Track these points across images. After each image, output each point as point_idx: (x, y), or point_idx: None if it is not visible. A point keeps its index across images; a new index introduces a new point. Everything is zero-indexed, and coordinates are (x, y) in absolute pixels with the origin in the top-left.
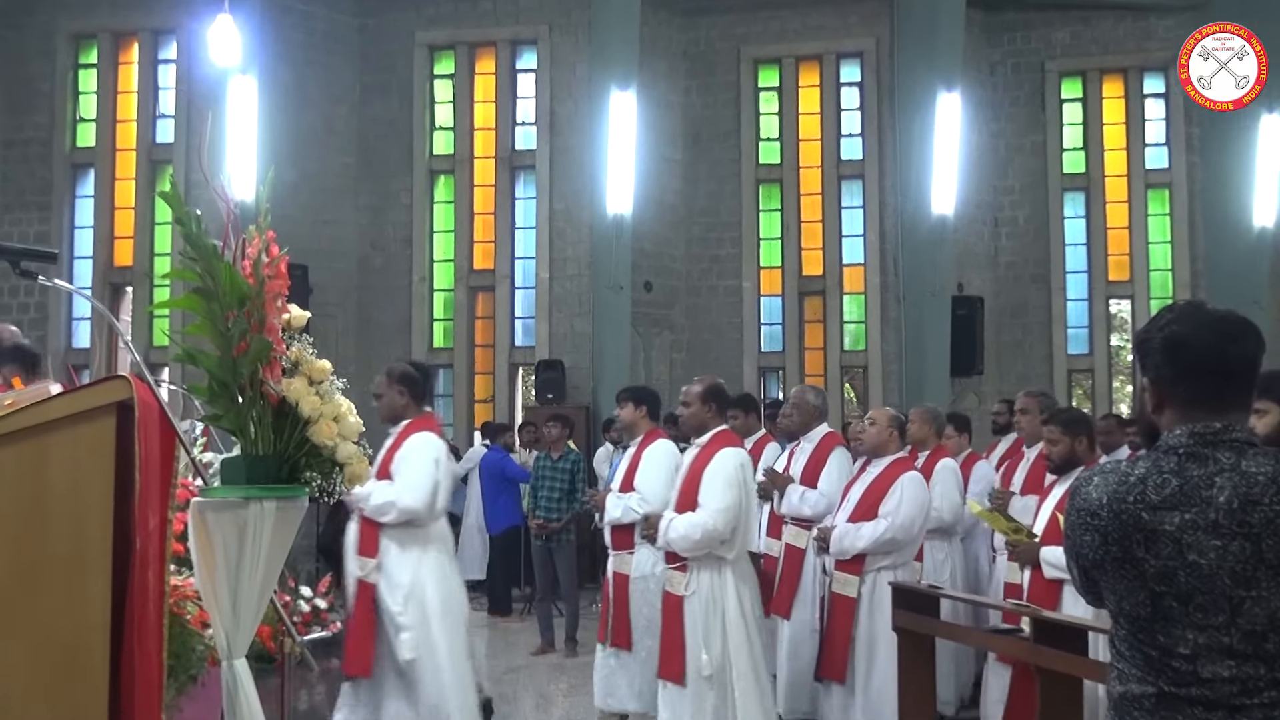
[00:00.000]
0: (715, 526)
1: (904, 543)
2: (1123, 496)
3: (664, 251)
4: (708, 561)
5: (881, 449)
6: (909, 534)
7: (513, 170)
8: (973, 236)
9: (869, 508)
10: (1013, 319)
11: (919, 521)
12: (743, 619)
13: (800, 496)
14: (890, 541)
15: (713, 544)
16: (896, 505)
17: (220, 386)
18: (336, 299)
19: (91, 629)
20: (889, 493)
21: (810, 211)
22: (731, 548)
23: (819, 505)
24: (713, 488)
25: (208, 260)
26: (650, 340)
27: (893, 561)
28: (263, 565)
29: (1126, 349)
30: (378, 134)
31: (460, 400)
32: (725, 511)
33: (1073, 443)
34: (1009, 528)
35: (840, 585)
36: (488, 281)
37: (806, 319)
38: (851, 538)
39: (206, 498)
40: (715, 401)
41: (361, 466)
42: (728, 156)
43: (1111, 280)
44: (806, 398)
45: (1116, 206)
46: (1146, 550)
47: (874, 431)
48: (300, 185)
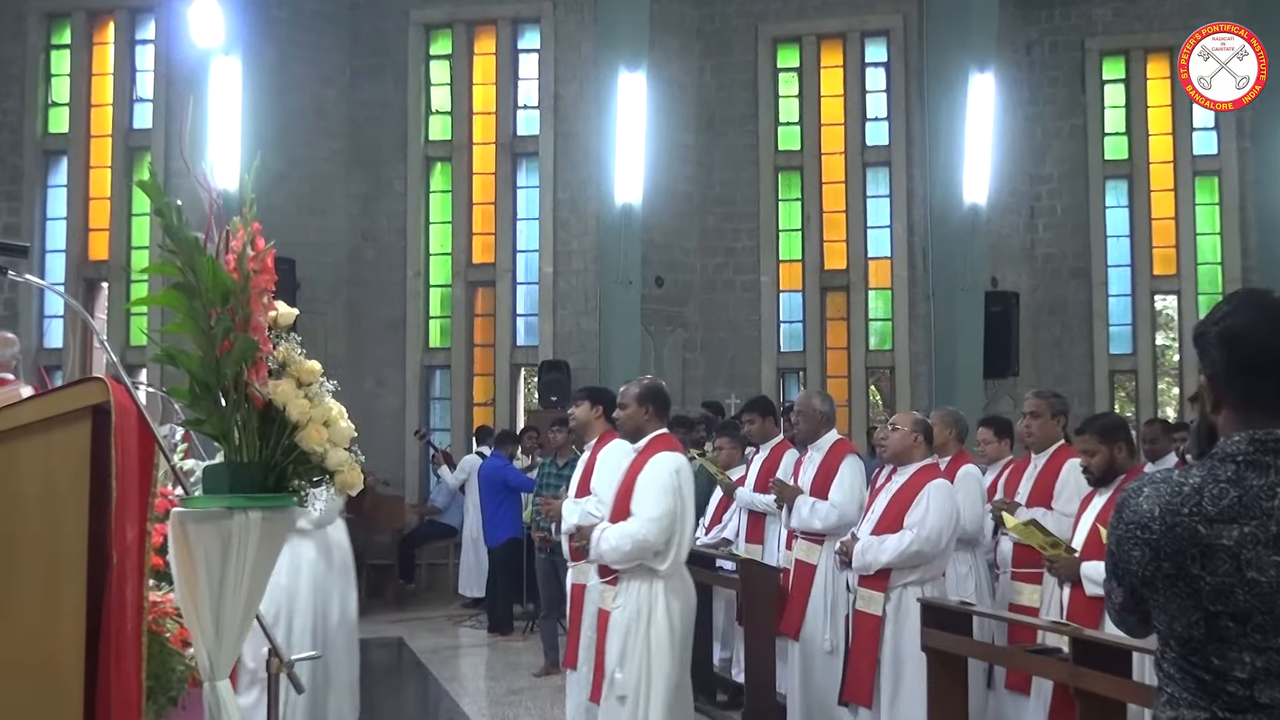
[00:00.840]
0: (647, 537)
1: (931, 556)
2: (1176, 508)
3: (676, 244)
4: (639, 573)
5: (906, 455)
6: (936, 546)
7: (514, 157)
8: (1007, 228)
9: (894, 519)
10: (1050, 316)
11: (947, 533)
12: (670, 636)
13: (810, 509)
14: (916, 555)
15: (645, 555)
16: (923, 515)
17: (202, 389)
18: (326, 295)
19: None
20: (915, 502)
21: (833, 201)
22: (664, 559)
23: (830, 518)
24: (646, 495)
25: (189, 254)
26: (661, 339)
27: (920, 576)
28: (247, 580)
29: (1172, 348)
30: (370, 118)
31: (458, 403)
32: (658, 520)
33: (1111, 451)
34: (1046, 542)
35: (864, 603)
36: (487, 276)
37: (829, 316)
38: (875, 551)
39: (187, 508)
40: (653, 404)
41: (353, 474)
42: (744, 142)
43: (1156, 274)
44: (813, 404)
45: (1162, 195)
46: (1202, 566)
47: (897, 437)
48: (287, 173)
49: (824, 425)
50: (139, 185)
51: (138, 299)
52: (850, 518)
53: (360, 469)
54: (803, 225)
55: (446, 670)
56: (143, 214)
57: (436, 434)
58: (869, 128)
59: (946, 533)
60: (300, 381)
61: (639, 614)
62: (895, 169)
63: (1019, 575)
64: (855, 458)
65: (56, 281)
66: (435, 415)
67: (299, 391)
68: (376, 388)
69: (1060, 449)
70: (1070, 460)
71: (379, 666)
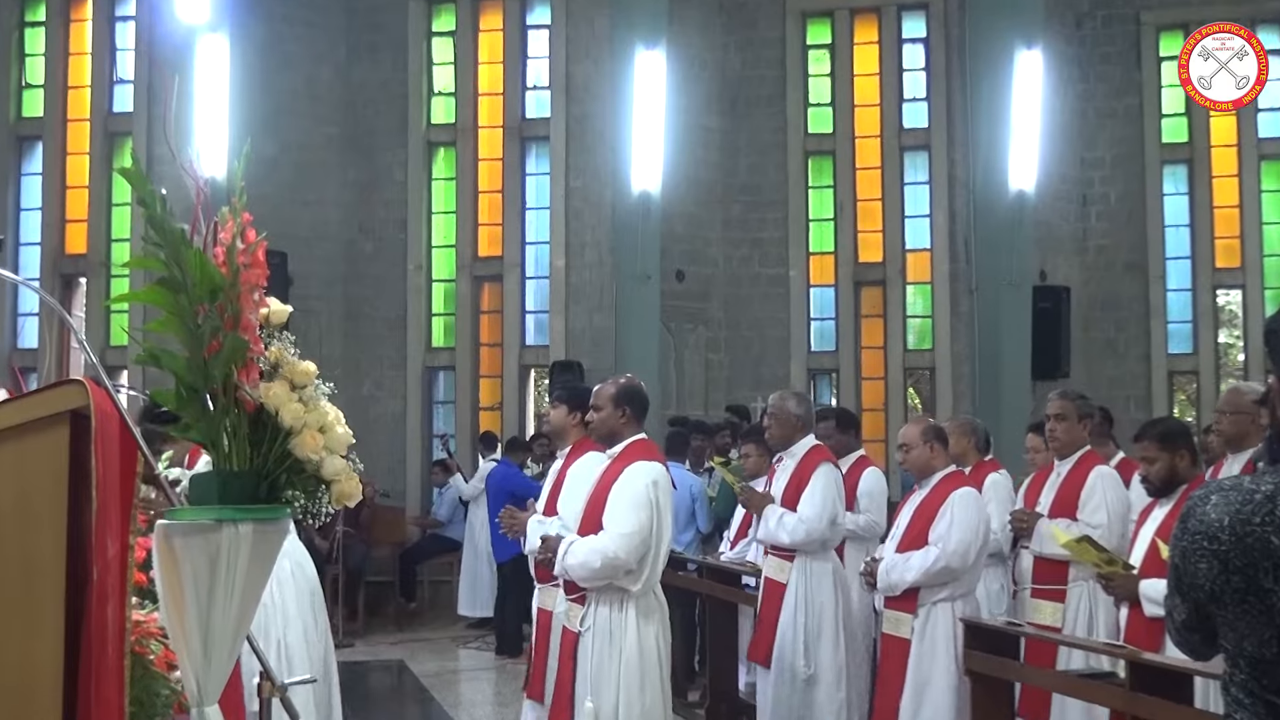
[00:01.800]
0: (618, 554)
1: (960, 571)
2: (1248, 518)
3: (698, 235)
4: (608, 593)
5: (927, 468)
6: (965, 561)
7: (523, 142)
8: (1057, 217)
9: (918, 534)
10: (1103, 313)
11: (975, 546)
12: (644, 662)
13: (777, 521)
14: (944, 571)
15: (615, 573)
16: (947, 529)
17: (189, 392)
18: (321, 291)
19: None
20: (938, 515)
21: (867, 188)
22: (637, 579)
23: (797, 532)
24: (619, 508)
25: (174, 247)
26: (683, 338)
27: (950, 594)
28: (237, 598)
29: (1236, 347)
30: (367, 100)
31: (463, 408)
32: (630, 537)
33: (1172, 459)
34: (1101, 558)
35: (892, 625)
36: (494, 270)
37: (863, 313)
38: (900, 570)
39: (173, 520)
40: (631, 405)
41: (351, 484)
42: (772, 125)
43: (1219, 267)
44: (786, 406)
45: (1224, 181)
46: (1275, 580)
47: (914, 456)
48: (279, 160)
49: (799, 430)
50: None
51: (119, 295)
52: (819, 534)
53: (358, 478)
54: (835, 214)
55: (450, 696)
56: (124, 204)
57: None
58: (906, 109)
59: (975, 546)
60: (294, 384)
61: (611, 639)
62: (935, 153)
63: (1040, 592)
64: (830, 467)
65: (31, 277)
66: (438, 420)
67: (292, 395)
68: (375, 390)
69: (1086, 455)
70: (1098, 468)
71: (378, 691)
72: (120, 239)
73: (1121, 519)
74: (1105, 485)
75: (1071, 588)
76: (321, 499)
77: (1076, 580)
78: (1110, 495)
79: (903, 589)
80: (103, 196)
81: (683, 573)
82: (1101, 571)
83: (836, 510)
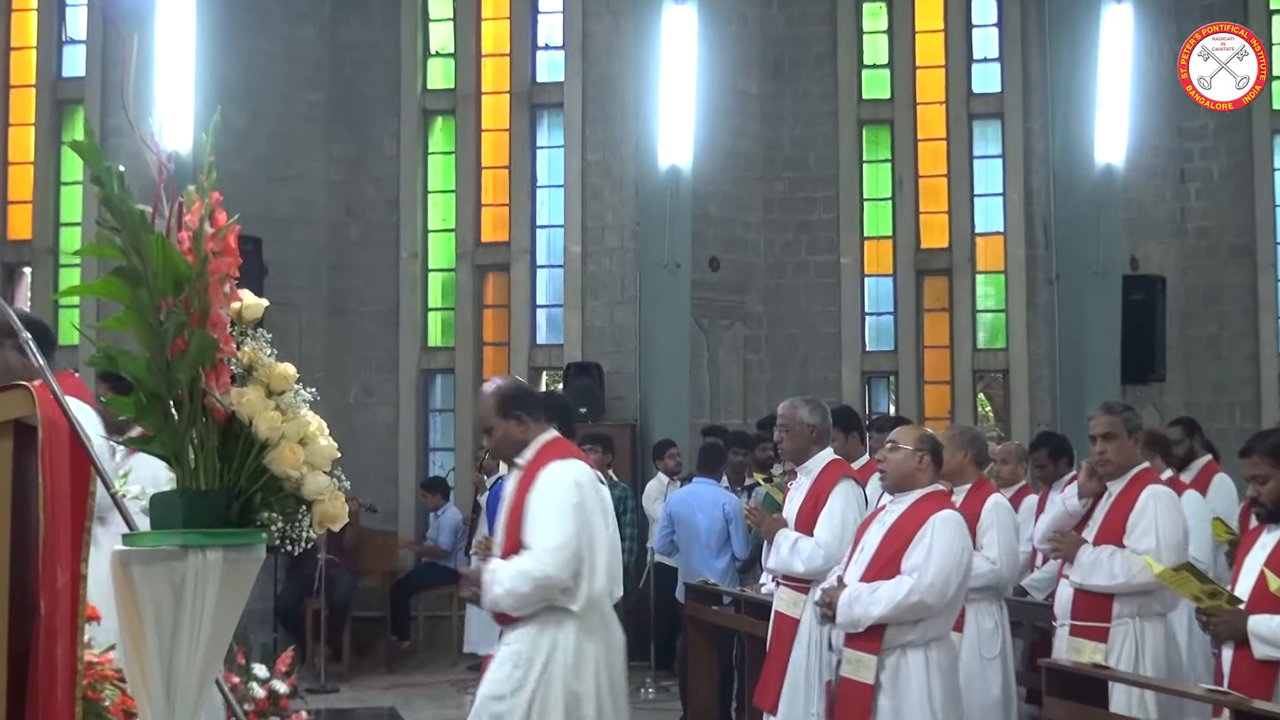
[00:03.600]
0: (547, 572)
1: (936, 607)
2: None
3: (735, 217)
4: (545, 616)
5: (908, 480)
6: (942, 595)
7: (533, 110)
8: (1150, 195)
9: (889, 561)
10: (1205, 306)
11: (956, 578)
12: (580, 695)
13: (791, 547)
14: (917, 606)
15: (550, 594)
16: (924, 556)
17: (149, 399)
18: (301, 282)
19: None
20: (915, 540)
21: (931, 163)
22: (575, 596)
23: (814, 559)
24: (539, 520)
25: (132, 231)
26: (717, 336)
27: (921, 635)
28: (205, 636)
29: None
30: (355, 63)
31: (464, 417)
32: (558, 550)
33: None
34: (1203, 591)
35: (852, 667)
36: (500, 258)
37: (926, 307)
38: (865, 603)
39: (132, 546)
40: (520, 408)
41: (335, 505)
42: (820, 90)
43: None
44: (798, 415)
45: None
46: None
47: (898, 460)
48: (253, 131)
49: (814, 442)
50: (71, 147)
51: (70, 287)
52: (839, 559)
53: (344, 498)
54: (893, 193)
55: None
56: (74, 182)
57: (438, 455)
58: (976, 70)
59: (955, 578)
60: (270, 389)
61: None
62: (1009, 122)
63: (1080, 630)
64: (851, 484)
65: None
66: (436, 431)
67: (268, 402)
68: (363, 397)
69: (1141, 474)
70: (1151, 487)
71: None
72: (70, 223)
73: (1175, 546)
74: (1159, 506)
75: (1115, 626)
76: (302, 521)
77: (1121, 617)
78: (1163, 518)
79: (867, 624)
80: (50, 174)
81: (717, 607)
82: (1202, 605)
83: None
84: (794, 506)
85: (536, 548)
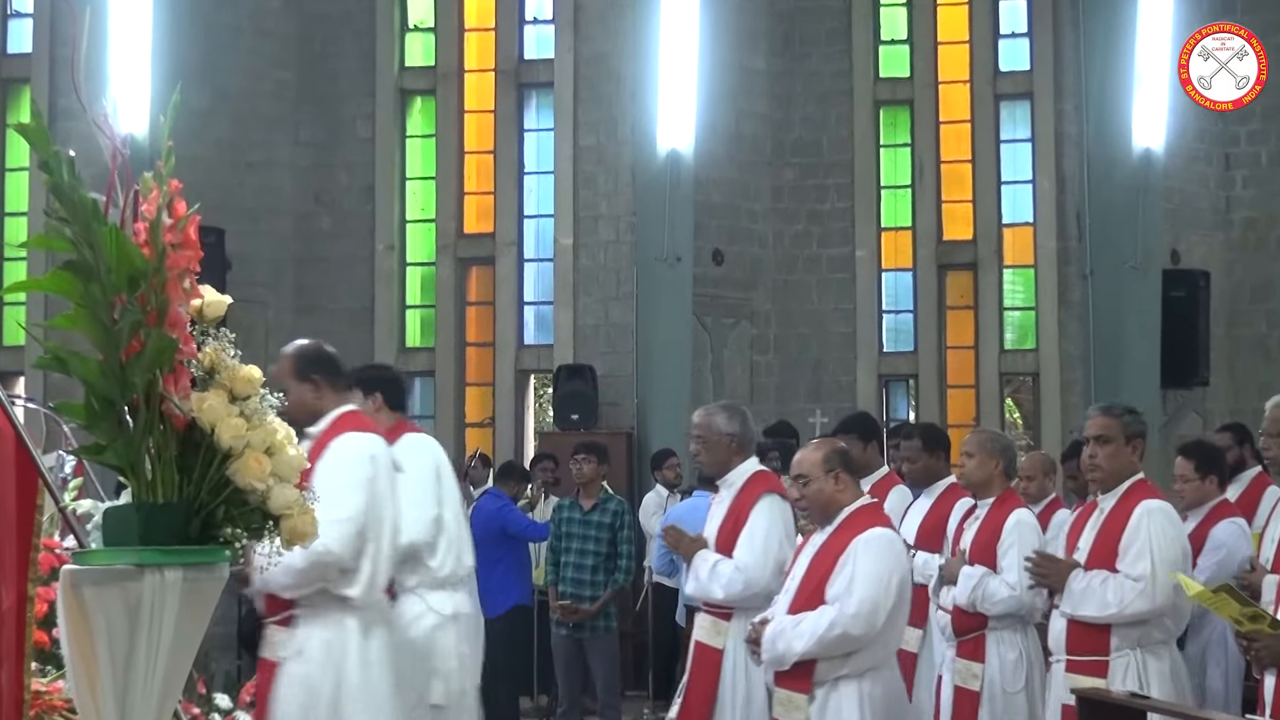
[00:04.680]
0: (328, 546)
1: (863, 639)
2: None
3: (741, 206)
4: (321, 606)
5: (831, 505)
6: (869, 625)
7: (520, 89)
8: (1193, 182)
9: (814, 590)
10: (1252, 304)
11: (885, 605)
12: (372, 699)
13: (710, 570)
14: (842, 639)
15: (326, 573)
16: (847, 584)
17: (102, 405)
18: (267, 277)
19: None
20: (837, 565)
21: (954, 147)
22: (354, 581)
23: (734, 584)
24: (325, 491)
25: (84, 222)
26: (720, 336)
27: (856, 666)
28: (163, 663)
29: None
30: (326, 38)
31: (446, 423)
32: (343, 524)
33: None
34: (1244, 614)
35: (783, 709)
36: (484, 251)
37: (949, 304)
38: (788, 637)
39: (83, 565)
40: (317, 372)
41: (305, 521)
42: (833, 67)
43: None
44: (715, 423)
45: None
46: None
47: (814, 491)
48: (215, 113)
49: (735, 453)
50: (17, 130)
51: (14, 283)
52: (762, 585)
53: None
54: (913, 180)
55: None
56: (20, 169)
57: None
58: (1003, 46)
59: (884, 605)
60: (234, 394)
61: (325, 667)
62: (1039, 103)
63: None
64: (776, 500)
65: None
66: None
67: (232, 408)
68: None
69: (1136, 486)
70: (1145, 503)
71: None
72: (15, 213)
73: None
74: (1153, 525)
75: (1115, 658)
76: (268, 539)
77: (1121, 649)
78: (1158, 539)
79: (793, 661)
80: None
81: None
82: (1242, 629)
83: (785, 553)
84: (714, 525)
85: (320, 518)
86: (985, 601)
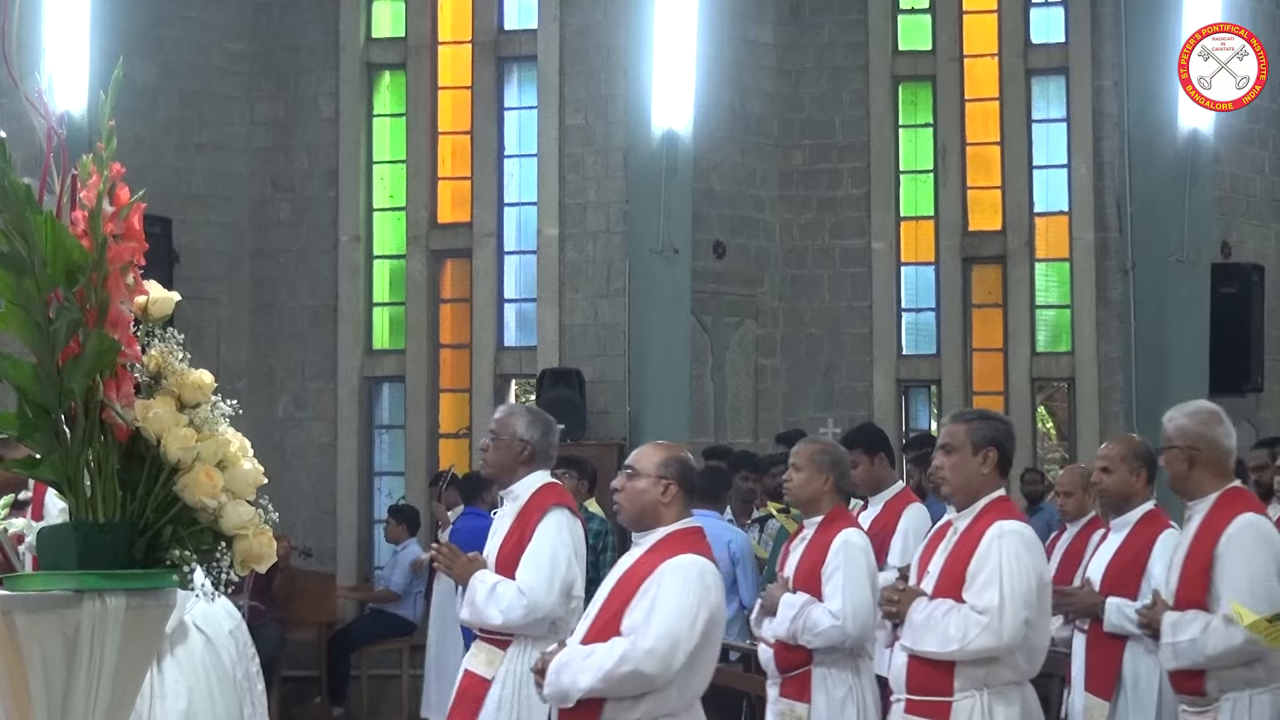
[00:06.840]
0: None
1: (658, 679)
2: None
3: (745, 193)
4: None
5: (647, 517)
6: (665, 664)
7: (500, 64)
8: (1245, 167)
9: (611, 618)
10: None
11: (687, 642)
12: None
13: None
14: (632, 677)
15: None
16: (646, 615)
17: (36, 412)
18: (219, 272)
19: None
20: (639, 592)
21: (981, 128)
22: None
23: (514, 609)
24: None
25: (16, 211)
26: (723, 336)
27: (649, 712)
28: (104, 698)
29: None
30: (284, 6)
31: (416, 433)
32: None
33: None
34: None
35: None
36: (460, 242)
37: (975, 301)
38: (573, 670)
39: (15, 590)
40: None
41: (261, 541)
42: (847, 40)
43: None
44: (513, 424)
45: None
46: None
47: (636, 490)
48: (162, 89)
49: (525, 461)
50: None
51: None
52: (546, 609)
53: (271, 533)
54: (935, 165)
55: None
56: None
57: (384, 480)
58: (1035, 16)
59: (685, 644)
60: (183, 402)
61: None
62: (1075, 79)
63: (916, 706)
64: (565, 514)
65: None
66: (382, 451)
67: (180, 417)
68: (295, 410)
69: (992, 504)
70: (999, 524)
71: None
72: None
73: (1024, 602)
74: (1005, 551)
75: (958, 701)
76: (221, 561)
77: (965, 690)
78: (1010, 565)
79: (577, 697)
80: None
81: (723, 664)
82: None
83: (573, 575)
84: (495, 542)
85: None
86: (807, 633)
